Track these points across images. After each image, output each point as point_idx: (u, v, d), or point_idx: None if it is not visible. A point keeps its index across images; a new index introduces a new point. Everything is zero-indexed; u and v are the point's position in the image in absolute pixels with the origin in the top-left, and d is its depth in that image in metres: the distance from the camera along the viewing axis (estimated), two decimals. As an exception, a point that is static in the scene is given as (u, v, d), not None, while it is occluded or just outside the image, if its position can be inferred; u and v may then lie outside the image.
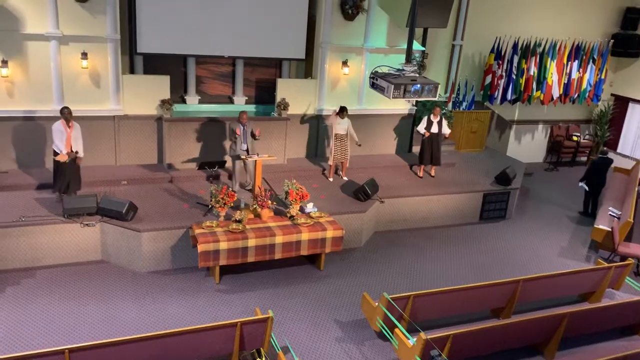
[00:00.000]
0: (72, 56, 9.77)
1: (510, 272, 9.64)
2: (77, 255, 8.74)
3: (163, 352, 6.14)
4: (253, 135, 9.79)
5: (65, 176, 9.00)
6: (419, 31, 12.43)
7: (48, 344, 6.83)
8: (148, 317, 7.62)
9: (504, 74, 14.68)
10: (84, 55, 9.75)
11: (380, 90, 7.46)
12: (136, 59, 11.01)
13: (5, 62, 9.35)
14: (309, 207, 9.49)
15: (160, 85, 10.53)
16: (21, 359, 5.47)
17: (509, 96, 14.85)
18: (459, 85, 14.35)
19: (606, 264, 8.80)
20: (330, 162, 11.15)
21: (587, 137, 16.59)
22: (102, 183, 9.86)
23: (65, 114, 8.87)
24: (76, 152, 8.99)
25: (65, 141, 8.87)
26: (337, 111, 10.89)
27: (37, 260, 8.53)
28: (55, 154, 8.96)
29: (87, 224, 8.62)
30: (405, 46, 11.76)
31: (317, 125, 11.91)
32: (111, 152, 10.50)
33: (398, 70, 7.55)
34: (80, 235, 8.66)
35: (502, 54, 14.56)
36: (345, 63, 11.64)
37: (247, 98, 12.15)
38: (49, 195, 9.33)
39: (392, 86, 7.11)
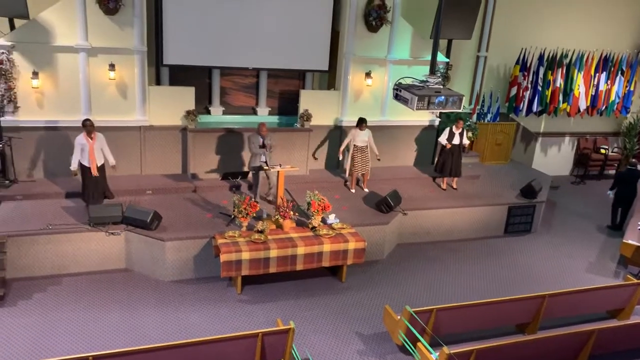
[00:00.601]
0: (100, 67, 9.97)
1: (535, 287, 9.45)
2: (102, 264, 8.86)
3: (184, 362, 6.17)
4: (265, 147, 9.84)
5: (97, 187, 9.24)
6: (443, 42, 12.39)
7: (72, 350, 6.92)
8: (170, 326, 7.67)
9: (529, 85, 14.52)
10: (112, 66, 9.94)
11: (404, 101, 7.42)
12: (162, 71, 11.18)
13: (35, 74, 9.59)
14: (331, 219, 9.47)
15: (185, 97, 10.67)
16: (46, 365, 5.55)
17: (534, 108, 14.67)
18: (483, 97, 14.23)
19: (635, 280, 8.57)
20: (347, 174, 11.11)
21: (615, 149, 16.24)
22: (128, 192, 9.99)
23: (87, 126, 9.04)
24: (108, 163, 9.30)
25: (88, 154, 9.04)
26: (356, 124, 10.88)
27: (63, 267, 8.67)
28: (83, 167, 9.14)
29: (112, 233, 8.74)
30: (429, 58, 11.78)
31: (339, 137, 11.91)
32: (137, 161, 10.66)
33: (422, 81, 7.51)
34: (105, 244, 8.79)
35: (528, 65, 14.41)
36: (368, 74, 11.65)
37: (270, 109, 12.23)
38: (75, 203, 9.50)
39: (416, 98, 7.07)
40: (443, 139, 11.42)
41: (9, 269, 8.31)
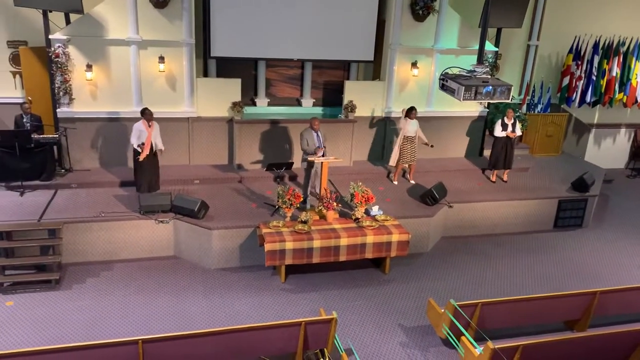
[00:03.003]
0: (150, 60, 10.23)
1: (586, 283, 9.16)
2: (151, 251, 9.14)
3: (229, 347, 6.30)
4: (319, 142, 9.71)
5: (147, 175, 9.47)
6: (492, 31, 12.07)
7: (123, 333, 7.19)
8: (216, 312, 7.85)
9: (583, 75, 13.99)
10: (161, 59, 10.18)
11: (451, 92, 7.29)
12: (209, 63, 11.37)
13: (89, 67, 9.93)
14: (375, 210, 9.43)
15: (232, 88, 10.82)
16: (99, 346, 5.79)
17: (588, 98, 14.14)
18: (534, 87, 13.81)
19: (695, 279, 8.18)
20: (392, 163, 10.98)
21: (675, 142, 15.48)
22: (176, 182, 10.25)
23: (147, 115, 9.30)
24: (156, 148, 9.49)
25: (145, 140, 9.30)
26: (405, 112, 10.74)
27: (114, 254, 9.00)
28: (136, 153, 9.40)
29: (161, 221, 8.99)
30: (477, 47, 11.53)
31: (384, 128, 11.82)
32: (185, 152, 10.91)
33: (469, 71, 7.35)
34: (154, 232, 9.06)
35: (582, 54, 13.88)
36: (414, 64, 11.49)
37: (314, 100, 12.25)
38: (127, 192, 9.81)
39: (463, 88, 6.93)
40: (498, 131, 11.13)
41: (65, 254, 8.69)
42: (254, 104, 11.88)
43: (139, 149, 9.31)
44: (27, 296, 7.95)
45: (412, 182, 11.15)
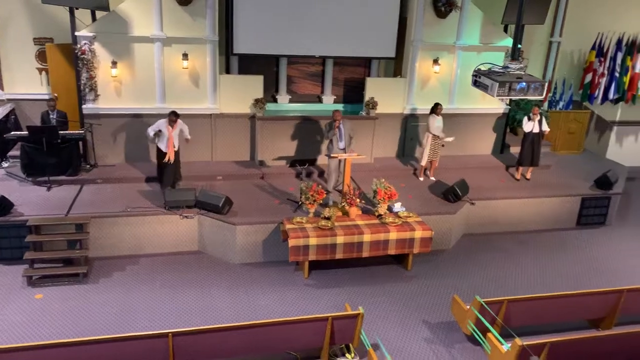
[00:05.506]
0: (174, 57, 10.32)
1: (609, 281, 9.09)
2: (176, 245, 9.23)
3: (257, 341, 6.38)
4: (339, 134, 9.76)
5: (169, 173, 9.58)
6: (513, 27, 11.98)
7: (150, 326, 7.29)
8: (241, 307, 7.92)
9: (606, 72, 13.85)
10: (185, 56, 10.27)
11: (484, 88, 7.20)
12: (232, 59, 11.42)
13: (114, 63, 10.04)
14: (397, 207, 9.44)
15: (254, 85, 10.87)
16: (130, 339, 5.89)
17: (610, 95, 14.00)
18: (555, 84, 13.70)
19: None
20: (423, 163, 11.00)
21: (699, 140, 15.26)
22: (199, 178, 10.33)
23: (169, 119, 9.37)
24: (180, 142, 9.66)
25: (167, 140, 9.38)
26: (431, 109, 10.72)
27: (140, 248, 9.10)
28: (160, 152, 9.52)
29: (186, 216, 9.08)
30: (500, 44, 11.49)
31: (405, 125, 11.80)
32: (208, 148, 11.00)
33: (502, 67, 7.26)
34: (179, 227, 9.15)
35: (605, 50, 13.73)
36: (436, 61, 11.46)
37: (335, 97, 12.26)
38: (151, 187, 9.92)
39: (497, 84, 6.84)
40: (529, 127, 10.98)
41: (91, 248, 8.80)
42: (276, 101, 11.92)
43: (150, 136, 9.49)
44: (56, 289, 8.09)
45: (433, 178, 11.13)
